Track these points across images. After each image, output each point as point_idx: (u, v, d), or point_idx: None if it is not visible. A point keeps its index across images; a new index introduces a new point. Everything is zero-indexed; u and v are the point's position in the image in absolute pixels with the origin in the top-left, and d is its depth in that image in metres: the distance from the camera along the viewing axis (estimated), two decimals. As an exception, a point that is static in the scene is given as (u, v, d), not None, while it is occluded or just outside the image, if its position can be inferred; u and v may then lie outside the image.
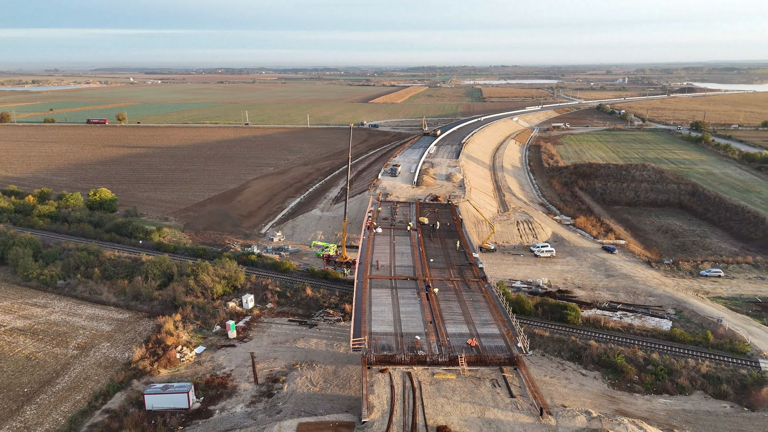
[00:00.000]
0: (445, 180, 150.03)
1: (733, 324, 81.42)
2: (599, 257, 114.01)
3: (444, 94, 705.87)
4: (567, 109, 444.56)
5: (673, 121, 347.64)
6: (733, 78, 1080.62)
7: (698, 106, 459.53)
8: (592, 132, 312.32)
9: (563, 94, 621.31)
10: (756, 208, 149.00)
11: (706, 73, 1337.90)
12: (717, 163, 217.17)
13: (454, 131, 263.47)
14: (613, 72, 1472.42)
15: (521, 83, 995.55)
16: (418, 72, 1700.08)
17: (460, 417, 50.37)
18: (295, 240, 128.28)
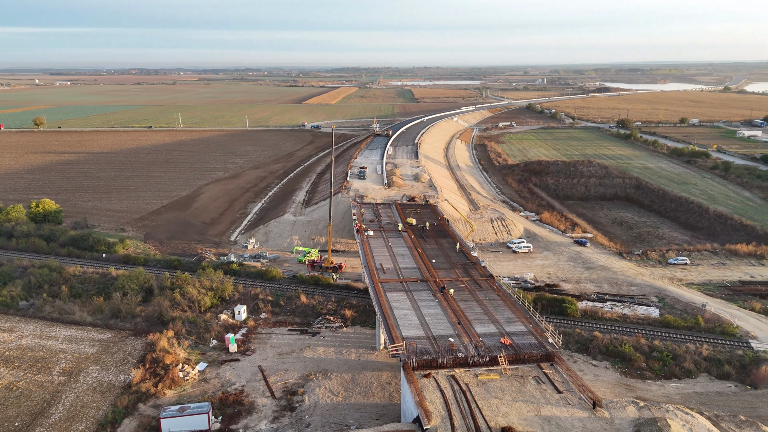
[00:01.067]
0: (414, 180, 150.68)
1: (715, 308, 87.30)
2: (574, 251, 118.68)
3: (376, 94, 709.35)
4: (499, 108, 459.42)
5: (599, 119, 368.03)
6: (638, 78, 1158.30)
7: (617, 104, 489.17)
8: (529, 131, 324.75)
9: (490, 95, 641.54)
10: (698, 200, 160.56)
11: (614, 73, 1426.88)
12: (650, 158, 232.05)
13: (403, 132, 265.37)
14: (530, 73, 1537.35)
15: (447, 84, 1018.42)
16: (343, 73, 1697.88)
17: (519, 417, 50.75)
18: (270, 246, 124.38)
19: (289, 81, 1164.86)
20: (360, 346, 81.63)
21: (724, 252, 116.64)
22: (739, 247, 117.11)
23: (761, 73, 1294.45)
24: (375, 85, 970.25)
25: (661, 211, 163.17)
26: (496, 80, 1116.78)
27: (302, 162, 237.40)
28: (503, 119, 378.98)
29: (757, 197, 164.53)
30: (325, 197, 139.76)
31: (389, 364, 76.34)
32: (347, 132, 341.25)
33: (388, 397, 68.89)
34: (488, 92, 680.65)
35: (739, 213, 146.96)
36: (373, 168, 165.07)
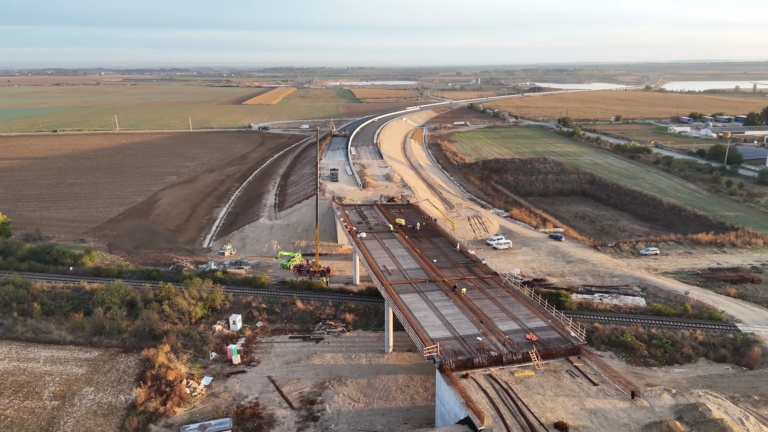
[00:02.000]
0: (386, 180, 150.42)
1: (697, 295, 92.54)
2: (551, 245, 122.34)
3: (316, 95, 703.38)
4: (443, 108, 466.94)
5: (541, 117, 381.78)
6: (565, 78, 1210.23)
7: (553, 103, 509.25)
8: (477, 130, 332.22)
9: (430, 95, 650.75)
10: (651, 193, 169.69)
11: (542, 74, 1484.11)
12: (596, 154, 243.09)
13: (359, 132, 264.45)
14: (462, 73, 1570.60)
15: (385, 84, 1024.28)
16: (277, 73, 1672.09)
17: (565, 411, 51.64)
18: (248, 252, 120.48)
19: (222, 81, 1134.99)
20: (368, 350, 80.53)
21: (687, 241, 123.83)
22: (700, 237, 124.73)
23: (674, 73, 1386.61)
24: (313, 85, 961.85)
25: (617, 205, 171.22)
26: (431, 80, 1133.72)
27: (258, 164, 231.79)
28: (449, 119, 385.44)
29: (702, 189, 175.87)
30: (299, 200, 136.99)
31: (403, 367, 75.82)
32: (296, 133, 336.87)
33: (410, 400, 68.35)
34: (427, 92, 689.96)
35: (690, 204, 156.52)
36: (343, 169, 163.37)
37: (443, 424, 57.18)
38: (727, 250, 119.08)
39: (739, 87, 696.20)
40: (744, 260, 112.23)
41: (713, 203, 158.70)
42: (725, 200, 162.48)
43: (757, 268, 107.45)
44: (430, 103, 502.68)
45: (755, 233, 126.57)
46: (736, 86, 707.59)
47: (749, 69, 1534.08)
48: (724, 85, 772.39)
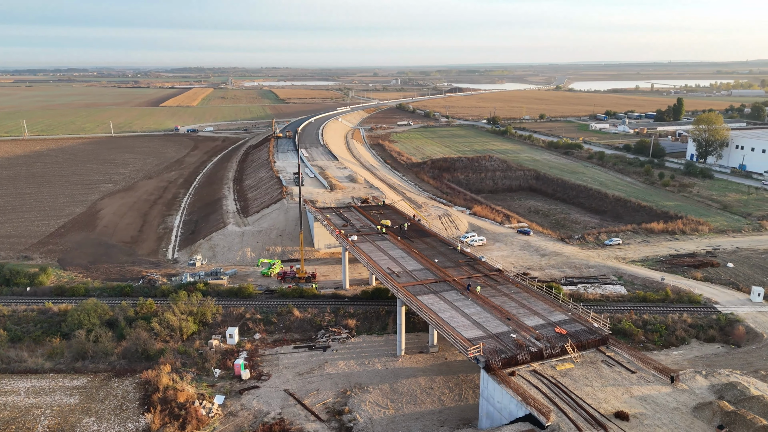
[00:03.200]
0: (350, 182, 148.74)
1: (672, 281, 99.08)
2: (522, 240, 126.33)
3: (236, 96, 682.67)
4: (373, 109, 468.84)
5: (471, 117, 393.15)
6: (479, 78, 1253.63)
7: (476, 103, 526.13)
8: (413, 129, 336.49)
9: (355, 96, 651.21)
10: (595, 186, 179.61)
11: (455, 74, 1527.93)
12: (533, 151, 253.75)
13: (301, 133, 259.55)
14: (379, 74, 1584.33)
15: (305, 85, 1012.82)
16: (187, 73, 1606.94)
17: (618, 400, 53.45)
18: (219, 261, 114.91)
19: (129, 82, 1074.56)
20: (379, 354, 79.27)
21: (642, 231, 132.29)
22: (653, 226, 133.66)
23: (575, 73, 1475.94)
24: (230, 86, 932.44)
25: (564, 199, 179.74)
26: (350, 81, 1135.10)
27: (198, 169, 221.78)
28: (382, 119, 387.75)
29: (638, 181, 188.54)
30: (265, 205, 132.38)
31: (420, 369, 75.29)
32: (229, 135, 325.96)
33: (439, 402, 68.01)
34: (352, 93, 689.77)
35: (632, 196, 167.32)
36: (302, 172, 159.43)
37: (491, 424, 57.39)
38: (679, 237, 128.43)
39: (639, 86, 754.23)
40: (697, 246, 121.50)
41: (652, 194, 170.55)
42: (661, 191, 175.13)
43: (711, 252, 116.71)
44: (357, 104, 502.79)
45: (699, 221, 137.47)
46: (636, 86, 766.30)
47: (641, 69, 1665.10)
48: (624, 84, 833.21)
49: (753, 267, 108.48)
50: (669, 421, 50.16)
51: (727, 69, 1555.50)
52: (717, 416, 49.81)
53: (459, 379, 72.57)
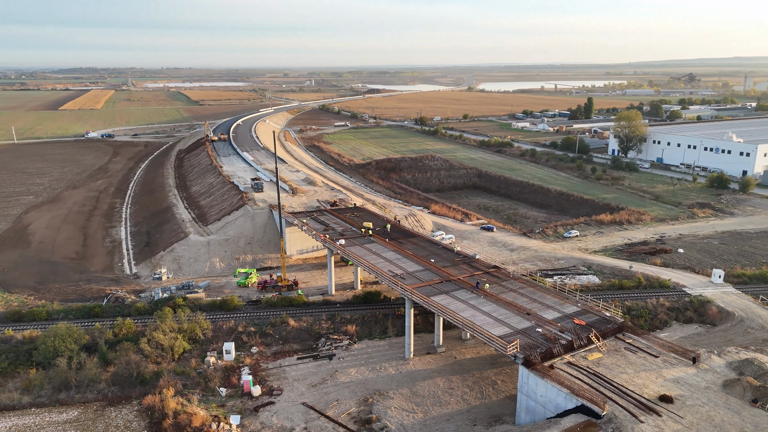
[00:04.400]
0: (309, 185, 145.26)
1: (638, 268, 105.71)
2: (487, 236, 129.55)
3: (143, 98, 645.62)
4: (296, 110, 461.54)
5: (398, 117, 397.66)
6: (391, 80, 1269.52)
7: (397, 104, 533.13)
8: (343, 131, 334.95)
9: (273, 97, 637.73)
10: (538, 182, 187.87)
11: (367, 76, 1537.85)
12: (467, 150, 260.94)
13: (235, 136, 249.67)
14: (290, 75, 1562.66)
15: (215, 86, 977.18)
16: (80, 74, 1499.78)
17: (655, 384, 56.24)
18: (186, 273, 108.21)
19: (15, 84, 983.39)
20: (387, 358, 78.17)
21: (594, 223, 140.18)
22: (602, 217, 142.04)
23: (480, 74, 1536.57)
24: (132, 87, 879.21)
25: (509, 195, 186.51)
26: (262, 82, 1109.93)
27: (128, 177, 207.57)
28: (308, 120, 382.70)
29: (573, 176, 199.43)
30: (227, 212, 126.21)
31: (434, 370, 75.09)
32: (151, 140, 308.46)
33: (464, 402, 68.19)
34: (269, 94, 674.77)
35: (573, 190, 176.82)
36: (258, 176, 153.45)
37: (532, 419, 58.38)
38: (627, 227, 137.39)
39: (543, 87, 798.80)
40: (646, 235, 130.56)
41: (590, 188, 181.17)
42: (596, 185, 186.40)
43: (660, 240, 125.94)
44: (278, 105, 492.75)
45: (640, 211, 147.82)
46: (542, 86, 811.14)
47: (540, 71, 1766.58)
48: (529, 85, 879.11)
49: (700, 252, 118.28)
50: (707, 400, 53.55)
51: (615, 70, 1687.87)
52: (748, 391, 53.84)
53: (475, 377, 73.18)
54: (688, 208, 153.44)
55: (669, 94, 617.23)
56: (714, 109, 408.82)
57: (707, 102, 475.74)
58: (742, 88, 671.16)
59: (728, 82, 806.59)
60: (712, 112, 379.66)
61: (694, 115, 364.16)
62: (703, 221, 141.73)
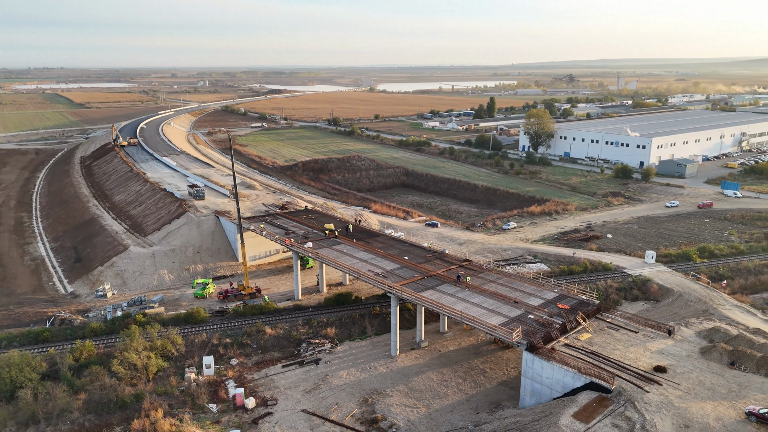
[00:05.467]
0: (249, 189, 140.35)
1: (579, 254, 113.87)
2: (434, 232, 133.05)
3: (18, 101, 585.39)
4: (198, 112, 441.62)
5: (310, 118, 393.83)
6: (289, 80, 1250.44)
7: (303, 104, 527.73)
8: (256, 132, 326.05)
9: (167, 98, 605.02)
10: (463, 179, 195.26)
11: (262, 76, 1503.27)
12: (387, 149, 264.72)
13: (143, 141, 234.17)
14: (177, 75, 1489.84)
15: (97, 87, 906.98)
16: None
17: (645, 357, 61.43)
18: (132, 288, 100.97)
19: None
20: (375, 358, 78.33)
21: (526, 214, 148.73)
22: (532, 209, 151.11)
23: (377, 75, 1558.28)
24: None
25: (437, 192, 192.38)
26: (148, 83, 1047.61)
27: (26, 188, 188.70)
28: (213, 122, 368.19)
29: (494, 172, 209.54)
30: (167, 221, 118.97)
31: (423, 365, 76.35)
32: (42, 147, 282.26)
33: (461, 392, 70.12)
34: (163, 96, 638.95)
35: (498, 185, 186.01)
36: (190, 182, 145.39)
37: (538, 400, 61.52)
38: (556, 217, 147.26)
39: (441, 87, 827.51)
40: (575, 223, 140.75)
41: (512, 182, 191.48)
42: (517, 179, 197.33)
43: (590, 227, 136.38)
44: (177, 107, 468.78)
45: (563, 202, 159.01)
46: (440, 87, 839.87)
47: (433, 72, 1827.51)
48: (428, 86, 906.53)
49: (625, 236, 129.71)
50: (693, 367, 59.61)
51: (501, 71, 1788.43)
52: (724, 356, 60.62)
53: (464, 368, 75.44)
54: (603, 197, 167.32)
55: (555, 93, 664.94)
56: (599, 106, 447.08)
57: (591, 100, 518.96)
58: (615, 87, 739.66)
59: (603, 82, 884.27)
60: (598, 110, 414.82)
61: (584, 112, 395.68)
62: (619, 208, 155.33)
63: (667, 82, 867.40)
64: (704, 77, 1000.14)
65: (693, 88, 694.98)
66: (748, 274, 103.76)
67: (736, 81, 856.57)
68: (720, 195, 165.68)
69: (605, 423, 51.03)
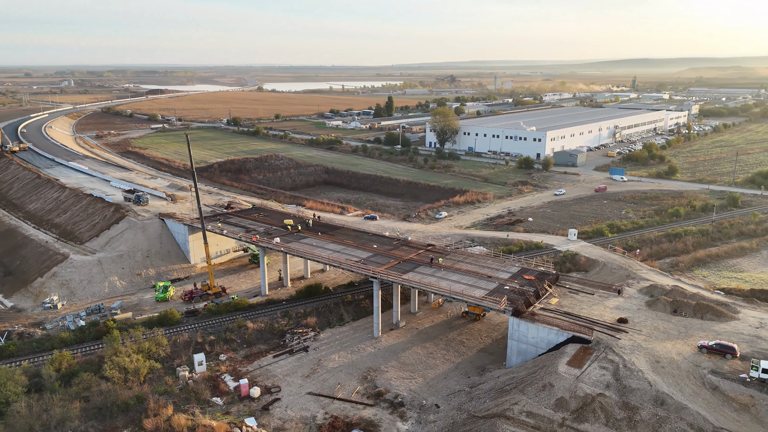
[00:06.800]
0: (181, 191, 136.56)
1: (514, 235, 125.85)
2: (375, 224, 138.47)
3: None
4: (75, 114, 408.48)
5: (206, 119, 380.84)
6: (166, 80, 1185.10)
7: (192, 105, 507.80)
8: (152, 134, 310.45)
9: (32, 100, 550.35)
10: (384, 174, 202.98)
11: (132, 75, 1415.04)
12: (298, 148, 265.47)
13: (33, 146, 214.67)
14: (32, 75, 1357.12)
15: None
16: None
17: (607, 312, 72.26)
18: (82, 298, 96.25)
19: None
20: (360, 340, 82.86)
21: (452, 204, 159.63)
22: (457, 199, 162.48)
23: (259, 75, 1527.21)
24: None
25: (361, 188, 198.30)
26: (1, 83, 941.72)
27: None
28: (96, 125, 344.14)
29: (409, 167, 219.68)
30: (106, 226, 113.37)
31: (407, 341, 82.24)
32: None
33: (447, 361, 76.97)
34: (27, 97, 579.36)
35: (419, 179, 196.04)
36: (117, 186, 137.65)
37: (524, 359, 70.07)
38: (479, 205, 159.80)
39: (332, 87, 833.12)
40: (497, 210, 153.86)
41: (430, 176, 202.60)
42: (433, 173, 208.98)
43: (511, 212, 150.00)
44: (47, 110, 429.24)
45: (480, 191, 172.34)
46: (330, 86, 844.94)
47: (317, 72, 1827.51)
48: (317, 85, 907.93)
49: (543, 218, 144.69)
50: (646, 317, 71.46)
51: (384, 72, 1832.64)
52: (667, 306, 73.23)
53: (444, 341, 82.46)
54: (513, 185, 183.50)
55: (441, 93, 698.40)
56: (486, 105, 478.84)
57: (477, 99, 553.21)
58: (494, 87, 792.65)
59: (482, 82, 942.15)
60: (486, 108, 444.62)
61: (474, 110, 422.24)
62: (530, 195, 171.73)
63: (537, 82, 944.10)
64: (565, 77, 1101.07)
65: (560, 87, 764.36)
66: (651, 244, 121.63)
67: (594, 81, 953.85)
68: (610, 180, 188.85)
69: (594, 366, 60.48)
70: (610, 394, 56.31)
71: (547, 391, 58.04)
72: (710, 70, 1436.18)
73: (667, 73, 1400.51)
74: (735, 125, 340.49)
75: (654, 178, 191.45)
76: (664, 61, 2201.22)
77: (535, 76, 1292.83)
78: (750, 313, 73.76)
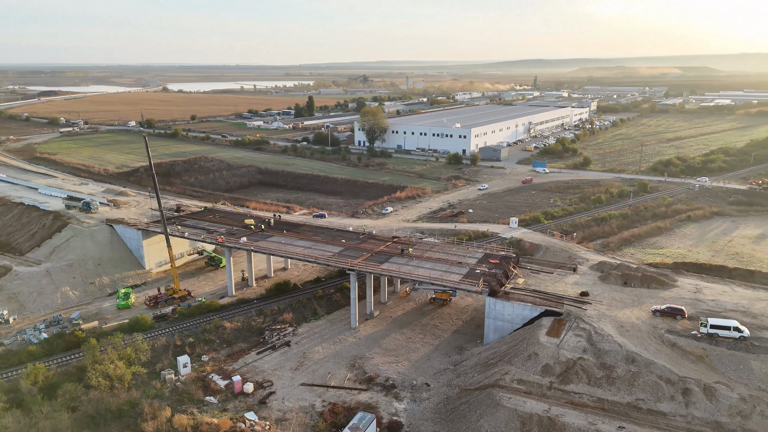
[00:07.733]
0: (120, 196, 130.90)
1: (460, 227, 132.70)
2: (326, 222, 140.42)
3: None
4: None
5: (116, 121, 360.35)
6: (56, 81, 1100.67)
7: (95, 107, 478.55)
8: (60, 139, 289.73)
9: None
10: (320, 173, 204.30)
11: (16, 76, 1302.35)
12: (223, 150, 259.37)
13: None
14: None
15: None
16: None
17: (568, 287, 79.84)
18: (33, 310, 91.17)
19: None
20: (339, 332, 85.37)
21: (395, 200, 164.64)
22: (398, 195, 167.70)
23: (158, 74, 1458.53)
24: None
25: (298, 187, 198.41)
26: None
27: None
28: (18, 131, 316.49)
29: (344, 166, 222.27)
30: (48, 235, 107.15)
31: (385, 329, 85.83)
32: None
33: (426, 345, 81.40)
34: None
35: (356, 176, 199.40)
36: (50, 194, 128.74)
37: (501, 335, 76.01)
38: (420, 200, 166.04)
39: (243, 87, 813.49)
40: (438, 204, 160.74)
41: (365, 174, 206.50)
42: (367, 171, 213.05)
43: (452, 205, 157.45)
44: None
45: (418, 187, 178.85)
46: (241, 86, 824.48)
47: (222, 72, 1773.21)
48: (227, 85, 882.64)
49: (481, 209, 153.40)
50: (603, 290, 79.86)
51: (293, 71, 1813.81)
52: (618, 279, 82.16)
53: (419, 326, 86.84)
54: (447, 180, 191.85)
55: (355, 92, 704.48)
56: (403, 104, 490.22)
57: (393, 99, 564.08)
58: (406, 87, 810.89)
59: (394, 81, 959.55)
60: (404, 107, 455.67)
61: (393, 109, 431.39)
62: (465, 189, 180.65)
63: (447, 82, 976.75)
64: (471, 77, 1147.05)
65: (469, 87, 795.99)
66: (583, 228, 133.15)
67: (499, 80, 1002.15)
68: (534, 172, 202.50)
69: (570, 335, 67.36)
70: (588, 357, 63.25)
71: (533, 359, 64.05)
72: (598, 69, 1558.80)
73: (561, 73, 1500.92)
74: (630, 120, 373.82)
75: (572, 170, 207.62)
76: (557, 62, 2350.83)
77: (443, 76, 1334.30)
78: (686, 281, 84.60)
